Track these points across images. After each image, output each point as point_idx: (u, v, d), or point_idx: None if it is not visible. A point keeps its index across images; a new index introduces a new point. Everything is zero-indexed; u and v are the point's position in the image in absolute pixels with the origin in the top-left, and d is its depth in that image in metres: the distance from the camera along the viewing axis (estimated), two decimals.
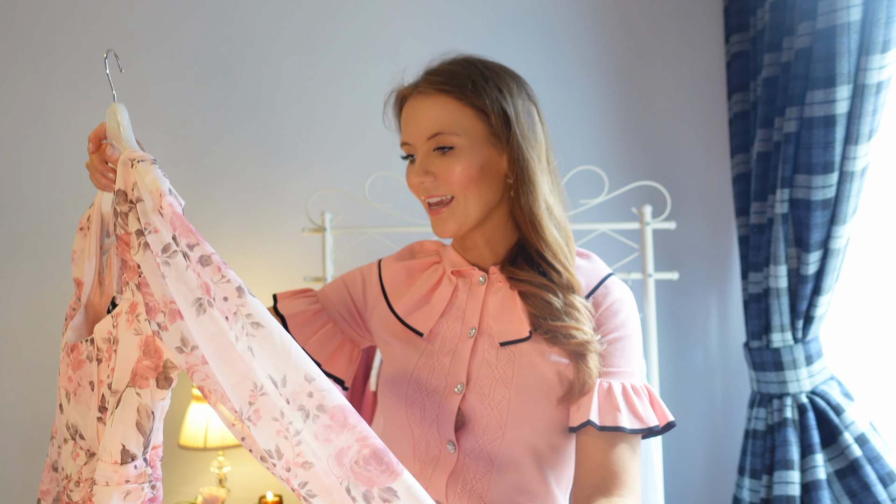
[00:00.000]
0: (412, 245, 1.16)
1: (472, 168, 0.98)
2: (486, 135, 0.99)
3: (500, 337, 1.00)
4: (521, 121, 0.99)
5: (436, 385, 1.01)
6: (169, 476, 2.23)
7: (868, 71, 1.55)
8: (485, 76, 0.99)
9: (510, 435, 0.96)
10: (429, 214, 1.03)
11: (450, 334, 1.04)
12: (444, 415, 0.98)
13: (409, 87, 1.04)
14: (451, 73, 0.99)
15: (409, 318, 1.06)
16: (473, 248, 1.06)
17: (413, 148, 1.01)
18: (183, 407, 2.20)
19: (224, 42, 2.28)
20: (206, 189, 2.27)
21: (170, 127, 2.27)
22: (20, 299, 2.24)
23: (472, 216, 1.00)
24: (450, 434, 0.98)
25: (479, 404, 0.98)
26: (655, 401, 0.98)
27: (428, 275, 1.09)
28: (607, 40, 2.26)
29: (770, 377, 1.83)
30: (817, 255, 1.72)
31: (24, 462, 2.22)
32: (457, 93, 0.98)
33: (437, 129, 0.98)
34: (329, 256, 2.04)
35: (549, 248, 1.00)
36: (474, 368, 1.00)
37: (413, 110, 1.01)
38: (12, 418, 2.23)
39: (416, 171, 1.00)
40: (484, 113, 0.98)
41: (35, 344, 2.24)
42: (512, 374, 0.98)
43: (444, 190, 0.99)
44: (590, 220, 2.13)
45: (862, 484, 1.69)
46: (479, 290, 1.05)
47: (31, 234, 2.25)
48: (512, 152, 0.99)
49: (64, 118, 2.26)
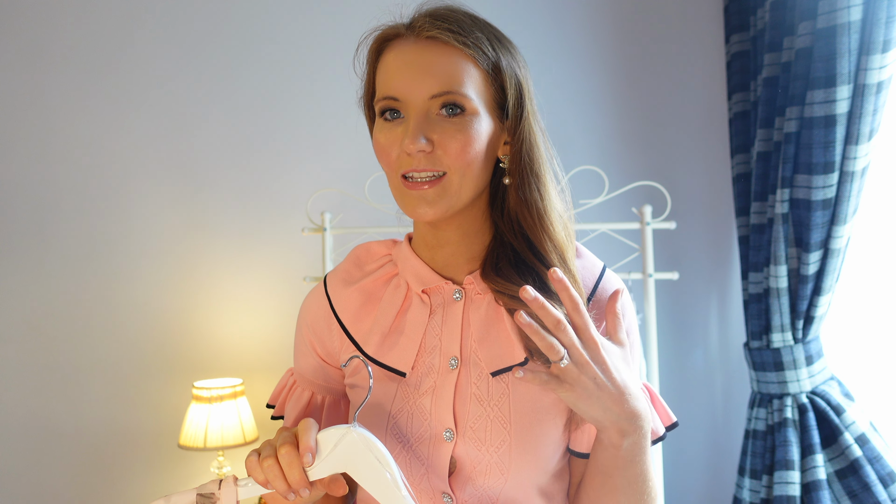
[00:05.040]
0: (356, 253, 0.95)
1: (479, 141, 0.80)
2: (494, 106, 0.83)
3: (489, 365, 0.83)
4: (533, 97, 0.85)
5: (419, 433, 0.84)
6: (169, 476, 2.23)
7: (868, 71, 1.55)
8: (498, 37, 0.84)
9: (514, 479, 0.83)
10: (403, 189, 0.81)
11: (426, 368, 0.85)
12: (434, 467, 0.83)
13: (404, 25, 0.83)
14: (464, 24, 0.81)
15: (384, 356, 0.87)
16: (445, 244, 0.87)
17: (404, 105, 0.80)
18: (183, 407, 2.20)
19: (224, 42, 2.28)
20: (206, 189, 2.27)
21: (170, 127, 2.27)
22: (20, 299, 2.24)
23: (463, 200, 0.82)
24: (444, 486, 0.84)
25: (476, 450, 0.82)
26: (658, 402, 0.91)
27: (389, 294, 0.89)
28: (607, 40, 2.26)
29: (770, 377, 1.83)
30: (817, 255, 1.72)
31: (25, 462, 2.22)
32: (473, 49, 0.80)
33: (448, 86, 0.79)
34: (329, 256, 2.04)
35: (555, 248, 0.83)
36: (461, 408, 0.83)
37: (413, 57, 0.80)
38: (12, 418, 2.22)
39: (411, 135, 0.78)
40: (499, 79, 0.82)
41: (35, 344, 2.24)
42: (509, 411, 0.82)
43: (440, 164, 0.80)
44: (590, 220, 2.13)
45: (862, 484, 1.69)
46: (455, 309, 0.86)
47: (31, 234, 2.25)
48: (522, 131, 0.83)
49: (64, 118, 2.26)
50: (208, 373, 2.23)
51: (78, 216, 2.26)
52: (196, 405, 2.02)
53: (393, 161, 0.82)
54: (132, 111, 2.28)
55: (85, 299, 2.24)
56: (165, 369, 2.24)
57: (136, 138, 2.27)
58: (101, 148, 2.27)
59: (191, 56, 2.28)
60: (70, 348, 2.24)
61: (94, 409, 2.23)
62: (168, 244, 2.26)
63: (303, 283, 2.18)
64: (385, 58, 0.83)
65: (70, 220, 2.26)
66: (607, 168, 2.12)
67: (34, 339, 2.24)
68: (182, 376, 2.24)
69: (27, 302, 2.24)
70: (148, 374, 2.24)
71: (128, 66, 2.27)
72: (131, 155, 2.27)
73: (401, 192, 0.82)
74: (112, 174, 2.27)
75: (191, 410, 2.03)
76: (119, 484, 2.23)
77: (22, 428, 2.23)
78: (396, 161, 0.81)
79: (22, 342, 2.24)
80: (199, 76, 2.28)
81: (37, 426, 2.23)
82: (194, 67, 2.28)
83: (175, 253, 2.26)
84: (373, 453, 0.76)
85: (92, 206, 2.26)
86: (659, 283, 2.15)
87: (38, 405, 2.23)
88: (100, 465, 2.23)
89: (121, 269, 2.25)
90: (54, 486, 2.22)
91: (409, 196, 0.81)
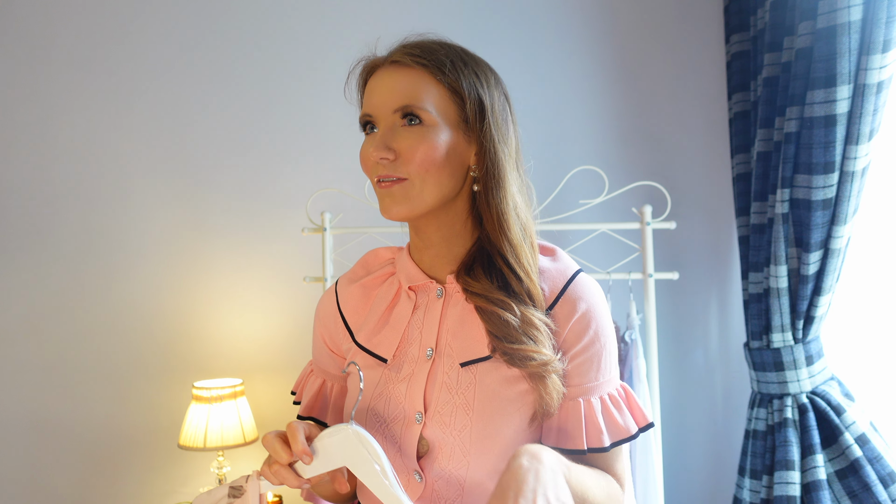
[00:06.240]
0: (367, 256, 1.08)
1: (438, 150, 0.90)
2: (457, 120, 0.92)
3: (459, 356, 0.93)
4: (496, 112, 0.94)
5: (394, 415, 0.94)
6: (168, 476, 2.23)
7: (868, 71, 1.54)
8: (464, 60, 0.94)
9: (475, 462, 0.91)
10: (378, 190, 0.93)
11: (406, 357, 0.96)
12: (405, 446, 0.93)
13: (381, 57, 0.96)
14: (430, 49, 0.93)
15: (370, 343, 0.99)
16: (430, 246, 0.98)
17: (375, 119, 0.93)
18: (183, 407, 2.20)
19: (224, 42, 2.28)
20: (206, 189, 2.27)
21: (170, 127, 2.27)
22: (20, 299, 2.24)
23: (427, 202, 0.91)
24: (413, 464, 0.93)
25: (441, 433, 0.92)
26: (633, 403, 0.96)
27: (384, 290, 1.02)
28: (608, 40, 2.26)
29: (770, 377, 1.83)
30: (818, 255, 1.72)
31: (25, 462, 2.22)
32: (433, 69, 0.91)
33: (408, 101, 0.90)
34: (329, 256, 2.04)
35: (512, 250, 0.93)
36: (432, 394, 0.93)
37: (382, 80, 0.93)
38: (12, 418, 2.23)
39: (376, 144, 0.90)
40: (459, 96, 0.92)
41: (35, 344, 2.24)
42: (473, 398, 0.92)
43: (403, 171, 0.90)
44: (590, 220, 2.13)
45: (862, 484, 1.69)
46: (436, 305, 0.97)
47: (31, 234, 2.25)
48: (484, 143, 0.92)
49: (64, 118, 2.26)
50: (208, 373, 2.23)
51: (78, 216, 2.26)
52: (196, 405, 2.02)
53: (369, 168, 0.94)
54: (132, 111, 2.28)
55: (85, 299, 2.24)
56: (165, 369, 2.24)
57: (136, 138, 2.27)
58: (100, 148, 2.27)
59: (191, 56, 2.28)
60: (70, 348, 2.24)
61: (93, 409, 2.24)
62: (168, 244, 2.26)
63: (303, 283, 2.18)
64: (368, 84, 0.97)
65: (70, 220, 2.26)
66: (607, 168, 2.12)
67: (34, 339, 2.24)
68: (182, 376, 2.24)
69: (27, 302, 2.24)
70: (148, 374, 2.24)
71: (127, 66, 2.27)
72: (131, 155, 2.27)
73: (378, 194, 0.94)
74: (111, 174, 2.27)
75: (191, 410, 2.03)
76: (119, 484, 2.23)
77: (22, 428, 2.23)
78: (373, 168, 0.93)
79: (22, 342, 2.24)
80: (199, 76, 2.28)
81: (37, 426, 2.23)
82: (194, 67, 2.28)
83: (175, 253, 2.26)
84: (365, 448, 0.85)
85: (92, 207, 2.26)
86: (659, 283, 2.15)
87: (37, 405, 2.23)
88: (100, 465, 2.23)
89: (121, 270, 2.25)
90: (54, 486, 2.22)
91: (381, 196, 0.92)
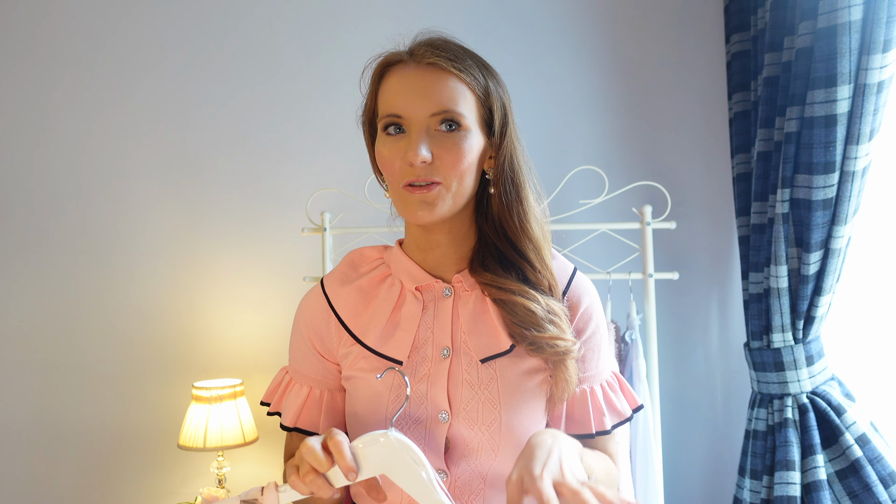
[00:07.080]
0: (351, 256, 1.06)
1: (471, 155, 0.92)
2: (483, 125, 0.95)
3: (479, 353, 0.95)
4: (514, 118, 0.99)
5: (416, 416, 0.94)
6: (168, 476, 2.23)
7: (869, 70, 1.54)
8: (484, 65, 0.97)
9: (503, 455, 0.93)
10: (406, 195, 0.92)
11: (420, 358, 0.96)
12: (431, 446, 0.93)
13: (402, 52, 0.95)
14: (458, 53, 0.94)
15: (383, 347, 0.97)
16: (435, 246, 0.99)
17: (406, 122, 0.92)
18: (183, 407, 2.20)
19: (225, 41, 2.28)
20: (205, 189, 2.27)
21: (170, 126, 2.27)
22: (20, 299, 2.24)
23: (455, 207, 0.94)
24: (440, 463, 0.93)
25: (468, 429, 0.93)
26: (625, 387, 1.03)
27: (384, 292, 1.00)
28: (608, 40, 2.25)
29: (770, 377, 1.83)
30: (818, 256, 1.71)
31: (25, 462, 2.22)
32: (467, 74, 0.92)
33: (449, 106, 0.91)
34: (329, 256, 2.04)
35: (533, 247, 0.96)
36: (455, 392, 0.94)
37: (414, 81, 0.92)
38: (12, 418, 2.22)
39: (415, 147, 0.89)
40: (488, 101, 0.95)
41: (35, 344, 2.24)
42: (497, 393, 0.94)
43: (437, 174, 0.91)
44: (590, 220, 2.13)
45: (863, 485, 1.69)
46: (445, 305, 0.98)
47: (32, 234, 2.25)
48: (505, 147, 0.96)
49: (64, 118, 2.26)
50: (208, 373, 2.23)
51: (78, 216, 2.26)
52: (196, 405, 2.02)
53: (396, 171, 0.92)
54: (132, 111, 2.28)
55: (85, 299, 2.24)
56: (165, 369, 2.24)
57: (137, 138, 2.27)
58: (100, 148, 2.27)
59: (191, 55, 2.28)
60: (70, 348, 2.24)
61: (94, 409, 2.23)
62: (168, 244, 2.26)
63: (302, 283, 2.18)
64: (387, 80, 0.94)
65: (70, 221, 2.26)
66: (607, 168, 2.12)
67: (34, 339, 2.24)
68: (182, 376, 2.23)
69: (27, 302, 2.24)
70: (148, 374, 2.24)
71: (127, 66, 2.27)
72: (131, 155, 2.27)
73: (403, 199, 0.92)
74: (112, 174, 2.27)
75: (190, 410, 2.03)
76: (119, 484, 2.23)
77: (22, 428, 2.23)
78: (399, 171, 0.92)
79: (22, 342, 2.24)
80: (200, 76, 2.28)
81: (37, 426, 2.23)
82: (195, 67, 2.28)
83: (175, 253, 2.26)
84: (409, 455, 0.83)
85: (92, 207, 2.26)
86: (659, 283, 2.15)
87: (38, 405, 2.23)
88: (100, 465, 2.23)
89: (121, 270, 2.25)
90: (54, 486, 2.22)
91: (411, 200, 0.91)
